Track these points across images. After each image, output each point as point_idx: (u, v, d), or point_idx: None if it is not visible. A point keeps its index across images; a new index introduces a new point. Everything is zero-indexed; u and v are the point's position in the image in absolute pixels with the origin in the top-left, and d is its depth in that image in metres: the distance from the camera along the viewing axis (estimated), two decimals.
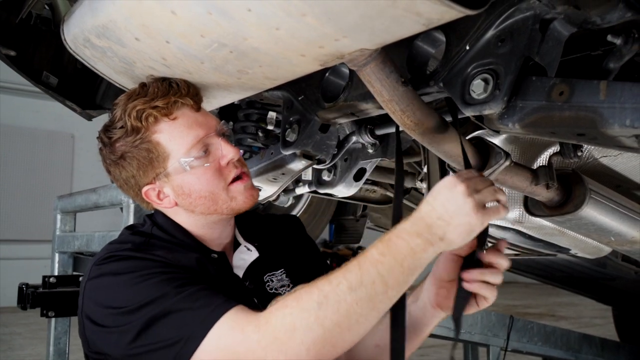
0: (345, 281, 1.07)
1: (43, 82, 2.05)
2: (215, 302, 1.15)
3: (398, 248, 1.08)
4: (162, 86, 1.28)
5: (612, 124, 0.93)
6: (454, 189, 1.08)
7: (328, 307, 1.06)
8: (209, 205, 1.32)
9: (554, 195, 1.49)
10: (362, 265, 1.08)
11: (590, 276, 3.68)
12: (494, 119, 1.12)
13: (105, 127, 1.32)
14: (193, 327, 1.12)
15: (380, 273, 1.07)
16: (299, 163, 1.70)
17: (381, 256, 1.08)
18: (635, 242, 1.69)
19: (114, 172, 1.34)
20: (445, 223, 1.07)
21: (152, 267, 1.21)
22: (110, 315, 1.20)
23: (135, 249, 1.26)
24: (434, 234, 1.07)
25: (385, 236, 1.11)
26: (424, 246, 1.07)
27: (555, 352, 3.50)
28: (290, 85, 1.54)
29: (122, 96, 1.31)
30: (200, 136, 1.29)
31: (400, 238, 1.08)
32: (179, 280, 1.19)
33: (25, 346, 5.89)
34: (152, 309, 1.15)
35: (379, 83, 1.10)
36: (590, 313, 8.93)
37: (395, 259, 1.07)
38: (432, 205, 1.09)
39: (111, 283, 1.22)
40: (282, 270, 1.47)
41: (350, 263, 1.10)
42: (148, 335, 1.15)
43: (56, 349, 2.56)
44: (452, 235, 1.08)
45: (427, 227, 1.08)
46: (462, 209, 1.07)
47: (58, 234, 2.64)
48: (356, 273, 1.08)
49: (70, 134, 10.52)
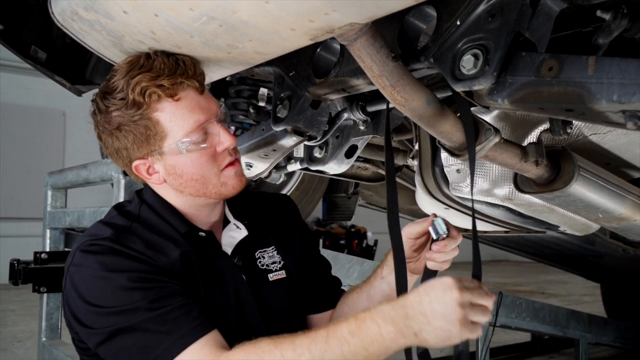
0: (308, 353, 1.09)
1: (31, 57, 2.03)
2: (184, 328, 1.15)
3: (368, 331, 1.08)
4: (169, 63, 1.24)
5: (600, 99, 0.93)
6: (449, 292, 1.05)
7: None
8: (199, 188, 1.31)
9: (543, 172, 1.50)
10: (329, 341, 1.09)
11: (579, 253, 3.71)
12: (484, 94, 1.12)
13: (103, 92, 1.28)
14: (156, 353, 1.13)
15: (343, 354, 1.08)
16: (290, 139, 1.70)
17: (350, 335, 1.08)
18: (622, 219, 1.71)
19: (106, 140, 1.32)
20: (425, 321, 1.05)
21: (131, 269, 1.20)
22: (83, 310, 1.21)
23: (116, 238, 1.24)
24: (409, 327, 1.06)
25: (362, 313, 1.11)
26: (394, 336, 1.07)
27: (543, 328, 3.55)
28: (281, 61, 1.53)
29: (124, 64, 1.27)
30: (201, 121, 1.27)
31: (373, 321, 1.08)
32: (153, 291, 1.18)
33: (18, 322, 5.91)
34: (121, 320, 1.16)
35: (369, 58, 1.09)
36: (579, 291, 9.02)
37: (363, 342, 1.08)
38: (421, 298, 1.07)
39: (89, 276, 1.22)
40: (273, 248, 1.48)
41: (319, 332, 1.11)
42: (112, 345, 1.17)
43: (48, 324, 2.57)
44: (428, 335, 1.06)
45: (405, 317, 1.06)
46: (449, 316, 1.05)
47: (49, 210, 2.63)
48: (321, 347, 1.09)
49: (61, 111, 10.44)
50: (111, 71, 1.30)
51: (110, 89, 1.27)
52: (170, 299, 1.18)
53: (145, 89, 1.23)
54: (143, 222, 1.32)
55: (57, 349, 2.39)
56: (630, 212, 1.69)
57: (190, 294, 1.23)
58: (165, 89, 1.24)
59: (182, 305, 1.18)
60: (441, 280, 1.07)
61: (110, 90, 1.26)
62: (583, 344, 3.82)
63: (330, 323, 1.13)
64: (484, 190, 1.74)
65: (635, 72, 0.89)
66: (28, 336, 5.26)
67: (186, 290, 1.22)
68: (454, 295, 1.05)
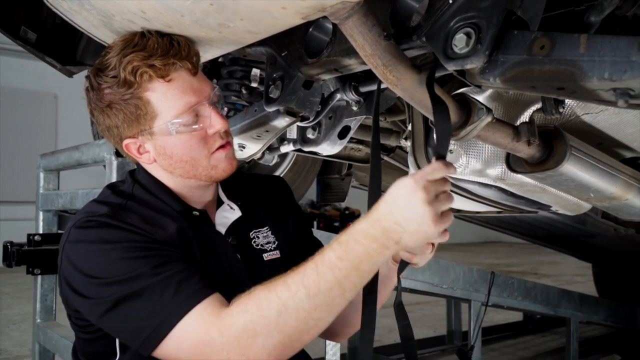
0: (303, 289, 1.10)
1: (21, 38, 2.01)
2: (187, 291, 1.15)
3: (355, 252, 1.09)
4: (162, 43, 1.23)
5: (591, 77, 0.93)
6: (413, 195, 1.06)
7: (287, 315, 1.10)
8: (189, 170, 1.31)
9: (535, 151, 1.51)
10: (320, 271, 1.10)
11: (571, 233, 3.74)
12: (476, 73, 1.12)
13: (96, 69, 1.28)
14: (162, 317, 1.13)
15: (337, 279, 1.09)
16: (282, 120, 1.69)
17: (338, 261, 1.09)
18: (613, 198, 1.72)
19: (98, 117, 1.31)
20: (401, 229, 1.07)
21: (129, 240, 1.21)
22: (84, 284, 1.20)
23: (112, 215, 1.24)
24: (389, 238, 1.08)
25: (342, 237, 1.11)
26: (380, 250, 1.09)
27: (535, 307, 3.58)
28: (273, 41, 1.52)
29: (118, 41, 1.26)
30: (192, 103, 1.26)
31: (357, 242, 1.09)
32: (155, 259, 1.18)
33: (13, 305, 5.93)
34: (125, 288, 1.16)
35: (361, 37, 1.09)
36: (571, 271, 9.11)
37: (352, 263, 1.09)
38: (390, 209, 1.08)
39: (87, 251, 1.22)
40: (267, 228, 1.48)
41: (307, 265, 1.12)
42: (117, 314, 1.17)
43: (43, 305, 2.58)
44: (408, 241, 1.09)
45: (383, 231, 1.08)
46: (421, 218, 1.06)
47: (42, 192, 2.62)
48: (314, 279, 1.10)
49: (53, 94, 10.38)
50: (106, 48, 1.29)
51: (103, 66, 1.26)
52: (172, 265, 1.18)
53: (137, 69, 1.22)
54: (138, 200, 1.32)
55: (52, 330, 2.40)
56: (622, 192, 1.70)
57: (190, 262, 1.24)
58: (157, 69, 1.23)
59: (184, 270, 1.18)
60: (404, 183, 1.07)
61: (103, 68, 1.26)
62: (574, 322, 3.86)
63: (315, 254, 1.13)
64: (477, 171, 1.74)
65: (626, 50, 0.89)
66: (23, 319, 5.28)
67: (186, 259, 1.23)
68: (419, 196, 1.06)
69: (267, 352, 1.11)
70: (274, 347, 1.11)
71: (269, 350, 1.11)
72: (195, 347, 1.12)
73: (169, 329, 1.13)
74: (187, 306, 1.13)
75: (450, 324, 4.64)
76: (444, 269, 2.93)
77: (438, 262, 2.92)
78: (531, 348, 4.65)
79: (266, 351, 1.11)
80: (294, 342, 1.12)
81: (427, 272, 2.86)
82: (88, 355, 1.34)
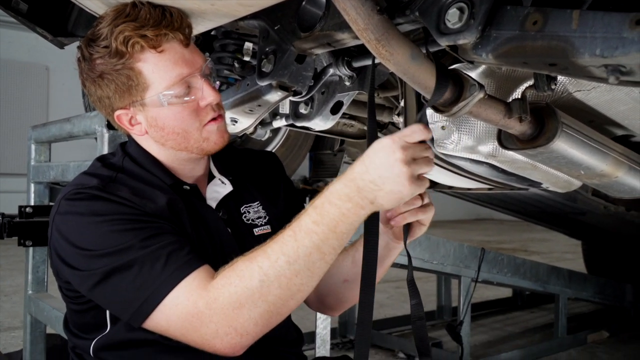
0: (283, 256, 1.11)
1: (13, 8, 1.98)
2: (176, 262, 1.16)
3: (330, 215, 1.10)
4: (155, 13, 1.23)
5: (583, 53, 0.93)
6: (391, 155, 1.08)
7: (270, 284, 1.11)
8: (180, 142, 1.31)
9: (527, 128, 1.51)
10: (298, 237, 1.11)
11: (561, 211, 3.77)
12: (468, 49, 1.11)
13: (88, 40, 1.27)
14: (152, 289, 1.14)
15: (315, 243, 1.11)
16: (275, 94, 1.68)
17: (315, 225, 1.11)
18: (604, 176, 1.73)
19: (89, 88, 1.31)
20: (377, 188, 1.08)
21: (119, 212, 1.20)
22: (75, 255, 1.21)
23: (102, 187, 1.24)
24: (364, 198, 1.09)
25: (317, 200, 1.13)
26: (355, 210, 1.10)
27: (524, 283, 3.63)
28: (266, 14, 1.51)
29: (110, 11, 1.25)
30: (184, 75, 1.26)
31: (332, 204, 1.10)
32: (144, 231, 1.19)
33: (5, 277, 5.94)
34: (115, 260, 1.16)
35: (354, 10, 1.08)
36: (561, 248, 9.19)
37: (329, 227, 1.10)
38: (367, 167, 1.09)
39: (77, 223, 1.21)
40: (258, 203, 1.49)
41: (285, 233, 1.13)
42: (107, 286, 1.17)
43: (35, 277, 2.58)
44: (382, 200, 1.10)
45: (357, 190, 1.09)
46: (397, 178, 1.08)
47: (33, 164, 2.61)
48: (292, 245, 1.11)
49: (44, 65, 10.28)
50: (98, 18, 1.28)
51: (95, 37, 1.25)
52: (162, 237, 1.19)
53: (129, 39, 1.21)
54: (128, 173, 1.32)
55: (44, 302, 2.41)
56: (612, 169, 1.71)
57: (180, 233, 1.24)
58: (149, 40, 1.22)
59: (174, 242, 1.19)
60: (382, 142, 1.09)
61: (95, 38, 1.25)
62: (563, 299, 3.91)
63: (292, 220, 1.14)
64: (468, 147, 1.75)
65: (618, 26, 0.88)
66: (15, 290, 5.30)
67: (176, 230, 1.24)
68: (397, 156, 1.07)
69: (254, 322, 1.12)
70: (260, 317, 1.12)
71: (255, 320, 1.12)
72: (184, 320, 1.14)
73: (158, 301, 1.14)
74: (176, 278, 1.14)
75: (440, 300, 4.69)
76: (434, 245, 2.96)
77: (429, 239, 2.94)
78: (520, 324, 4.72)
79: (253, 321, 1.12)
80: (279, 309, 1.14)
81: (418, 248, 2.88)
82: (79, 326, 1.35)
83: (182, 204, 1.31)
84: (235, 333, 1.12)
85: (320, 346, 2.36)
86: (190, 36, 1.30)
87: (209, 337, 1.13)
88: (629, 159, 1.77)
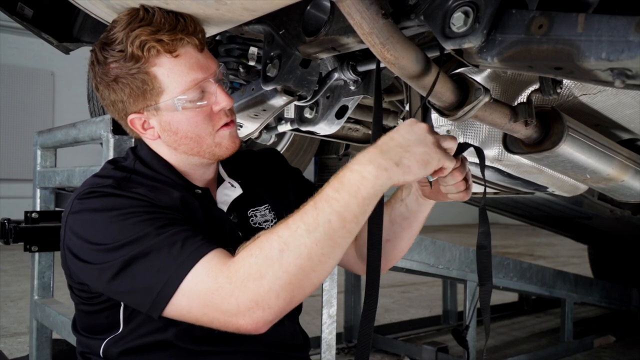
0: (302, 224, 1.08)
1: (18, 14, 1.99)
2: (193, 245, 1.14)
3: (351, 181, 1.09)
4: (169, 18, 1.23)
5: (589, 57, 0.93)
6: (416, 125, 1.12)
7: (290, 254, 1.07)
8: (193, 147, 1.31)
9: (532, 132, 1.51)
10: (318, 205, 1.09)
11: (567, 215, 3.75)
12: (474, 53, 1.11)
13: (102, 43, 1.27)
14: (171, 272, 1.12)
15: (335, 210, 1.08)
16: (279, 99, 1.69)
17: (335, 192, 1.09)
18: (610, 180, 1.72)
19: (103, 91, 1.31)
20: (403, 150, 1.09)
21: (134, 205, 1.20)
22: (91, 251, 1.19)
23: (117, 185, 1.24)
24: (388, 159, 1.08)
25: (340, 172, 1.12)
26: (376, 172, 1.08)
27: (530, 288, 3.61)
28: (271, 19, 1.51)
29: (124, 15, 1.25)
30: (199, 79, 1.26)
31: (352, 170, 1.09)
32: (159, 221, 1.18)
33: (11, 283, 5.96)
34: (132, 249, 1.15)
35: (359, 15, 1.08)
36: (567, 253, 9.16)
37: (349, 192, 1.08)
38: (391, 136, 1.11)
39: (92, 219, 1.21)
40: (266, 205, 1.49)
41: (307, 204, 1.11)
42: (127, 275, 1.15)
43: (40, 282, 2.59)
44: (409, 161, 1.09)
45: (381, 154, 1.09)
46: (423, 140, 1.11)
47: (39, 169, 2.62)
48: (312, 214, 1.08)
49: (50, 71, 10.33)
50: (112, 23, 1.28)
51: (109, 41, 1.25)
52: (176, 225, 1.18)
53: (145, 43, 1.21)
54: (140, 175, 1.32)
55: (50, 307, 2.41)
56: (618, 173, 1.71)
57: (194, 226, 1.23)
58: (165, 44, 1.22)
59: (188, 229, 1.18)
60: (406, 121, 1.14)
61: (110, 42, 1.25)
62: (569, 303, 3.90)
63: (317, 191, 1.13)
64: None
65: (623, 30, 0.88)
66: (21, 296, 5.31)
67: (189, 222, 1.23)
68: (422, 126, 1.12)
69: (276, 295, 1.08)
70: (282, 289, 1.08)
71: (277, 293, 1.08)
72: (205, 297, 1.11)
73: (178, 282, 1.12)
74: (195, 258, 1.12)
75: (446, 304, 4.68)
76: (440, 250, 2.95)
77: (434, 243, 2.94)
78: (526, 328, 4.70)
79: (274, 294, 1.08)
80: (301, 282, 1.09)
81: (424, 252, 2.88)
82: (89, 328, 1.34)
83: (196, 202, 1.31)
84: (257, 307, 1.08)
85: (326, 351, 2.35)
86: (204, 41, 1.30)
87: (231, 313, 1.09)
88: (635, 162, 1.76)
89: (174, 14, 1.24)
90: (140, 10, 1.24)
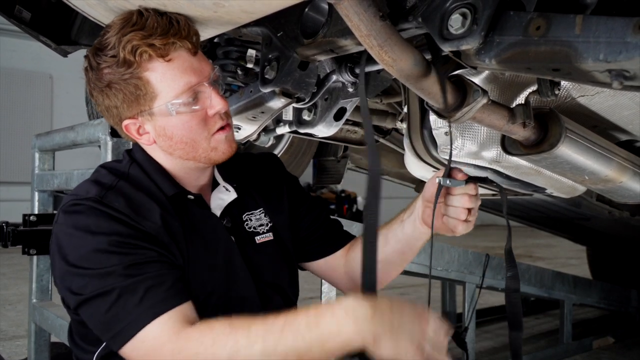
0: (261, 343, 1.08)
1: (16, 17, 1.98)
2: (154, 298, 1.15)
3: (327, 327, 1.07)
4: (162, 22, 1.22)
5: (586, 58, 0.93)
6: (423, 321, 1.08)
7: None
8: (189, 151, 1.31)
9: (531, 133, 1.51)
10: (284, 331, 1.08)
11: (565, 216, 3.75)
12: (471, 54, 1.11)
13: (95, 49, 1.27)
14: (125, 322, 1.15)
15: (297, 346, 1.07)
16: (278, 101, 1.68)
17: (306, 329, 1.07)
18: (608, 181, 1.72)
19: (97, 97, 1.30)
20: (390, 330, 1.05)
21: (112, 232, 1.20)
22: (62, 270, 1.22)
23: (99, 199, 1.24)
24: (370, 331, 1.05)
25: (324, 305, 1.11)
26: (352, 336, 1.06)
27: (529, 289, 3.61)
28: (269, 21, 1.51)
29: (117, 20, 1.25)
30: (192, 83, 1.25)
31: (334, 315, 1.07)
32: (130, 257, 1.18)
33: (9, 286, 5.94)
34: (96, 284, 1.16)
35: (356, 17, 1.08)
36: (566, 254, 9.16)
37: (319, 338, 1.07)
38: (392, 311, 1.07)
39: (71, 236, 1.22)
40: (261, 210, 1.48)
41: (277, 321, 1.10)
42: (89, 309, 1.19)
43: (39, 286, 2.58)
44: (386, 345, 1.05)
45: (369, 320, 1.05)
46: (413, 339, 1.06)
47: (37, 172, 2.62)
48: (274, 337, 1.08)
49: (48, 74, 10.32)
50: (105, 27, 1.28)
51: (102, 46, 1.25)
52: (146, 267, 1.18)
53: (136, 48, 1.21)
54: (131, 180, 1.32)
55: (48, 310, 2.41)
56: (616, 174, 1.71)
57: (168, 261, 1.23)
58: (157, 49, 1.22)
59: (157, 276, 1.18)
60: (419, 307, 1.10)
61: (103, 47, 1.25)
62: (568, 305, 3.89)
63: (293, 311, 1.12)
64: (472, 153, 1.75)
65: (621, 31, 0.88)
66: (19, 299, 5.30)
67: (164, 258, 1.23)
68: (423, 326, 1.08)
69: None
70: None
71: None
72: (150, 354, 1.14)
73: (130, 335, 1.14)
74: (150, 316, 1.14)
75: (445, 306, 4.67)
76: (438, 252, 2.95)
77: None
78: (525, 330, 4.67)
79: None
80: None
81: (422, 254, 2.87)
82: (82, 336, 1.35)
83: (178, 221, 1.30)
84: None
85: None
86: (197, 44, 1.29)
87: None
88: (633, 163, 1.76)
89: (168, 17, 1.23)
90: (134, 15, 1.23)
